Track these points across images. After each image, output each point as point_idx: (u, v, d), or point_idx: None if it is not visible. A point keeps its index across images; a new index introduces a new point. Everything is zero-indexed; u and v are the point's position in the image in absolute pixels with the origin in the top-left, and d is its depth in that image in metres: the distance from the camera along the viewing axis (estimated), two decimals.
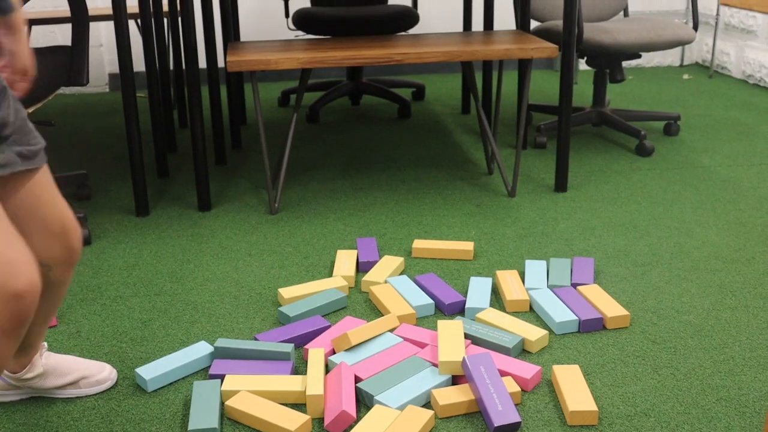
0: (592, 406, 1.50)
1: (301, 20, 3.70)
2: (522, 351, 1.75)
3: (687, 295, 2.01)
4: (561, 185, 2.78)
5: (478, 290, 1.99)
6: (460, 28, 4.91)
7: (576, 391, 1.55)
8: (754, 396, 1.58)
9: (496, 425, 1.45)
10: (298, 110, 3.06)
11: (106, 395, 1.63)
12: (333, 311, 1.96)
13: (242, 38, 4.71)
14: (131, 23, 4.42)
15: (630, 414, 1.53)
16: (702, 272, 2.14)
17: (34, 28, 4.53)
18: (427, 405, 1.57)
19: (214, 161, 3.22)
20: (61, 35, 4.58)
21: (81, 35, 2.41)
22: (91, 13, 3.85)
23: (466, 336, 1.76)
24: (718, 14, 4.80)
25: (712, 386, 1.62)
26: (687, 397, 1.58)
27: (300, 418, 1.48)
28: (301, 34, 4.66)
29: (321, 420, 1.52)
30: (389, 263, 2.15)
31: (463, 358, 1.59)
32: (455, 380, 1.63)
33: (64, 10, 4.20)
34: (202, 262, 2.26)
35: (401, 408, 1.52)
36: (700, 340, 1.79)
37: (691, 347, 1.77)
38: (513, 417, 1.46)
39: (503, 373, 1.63)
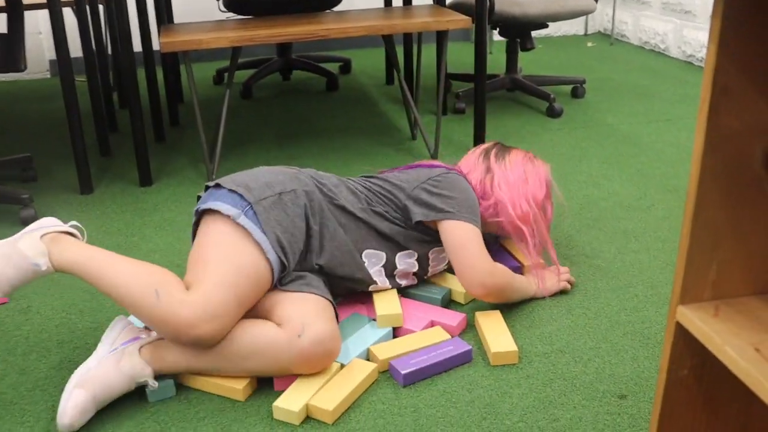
0: (512, 347, 1.51)
1: (232, 2, 3.61)
2: (450, 302, 1.75)
3: (596, 242, 2.03)
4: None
5: None
6: (381, 4, 4.86)
7: (498, 334, 1.56)
8: (656, 328, 1.61)
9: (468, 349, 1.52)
10: (231, 87, 3.00)
11: None
12: None
13: (175, 21, 4.59)
14: (68, 10, 4.25)
15: (547, 352, 1.55)
16: (608, 220, 2.16)
17: None
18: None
19: (153, 139, 3.13)
20: (2, 24, 4.39)
21: (15, 23, 2.30)
22: (27, 1, 3.69)
23: (400, 293, 1.75)
24: None
25: (619, 322, 1.64)
26: (597, 334, 1.60)
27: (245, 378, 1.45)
28: (232, 16, 4.55)
29: (270, 379, 1.49)
30: None
31: (390, 364, 1.50)
32: (396, 332, 1.61)
33: None
34: (145, 234, 2.20)
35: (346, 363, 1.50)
36: (608, 282, 1.82)
37: (600, 289, 1.79)
38: (465, 346, 1.52)
39: (433, 324, 1.62)
